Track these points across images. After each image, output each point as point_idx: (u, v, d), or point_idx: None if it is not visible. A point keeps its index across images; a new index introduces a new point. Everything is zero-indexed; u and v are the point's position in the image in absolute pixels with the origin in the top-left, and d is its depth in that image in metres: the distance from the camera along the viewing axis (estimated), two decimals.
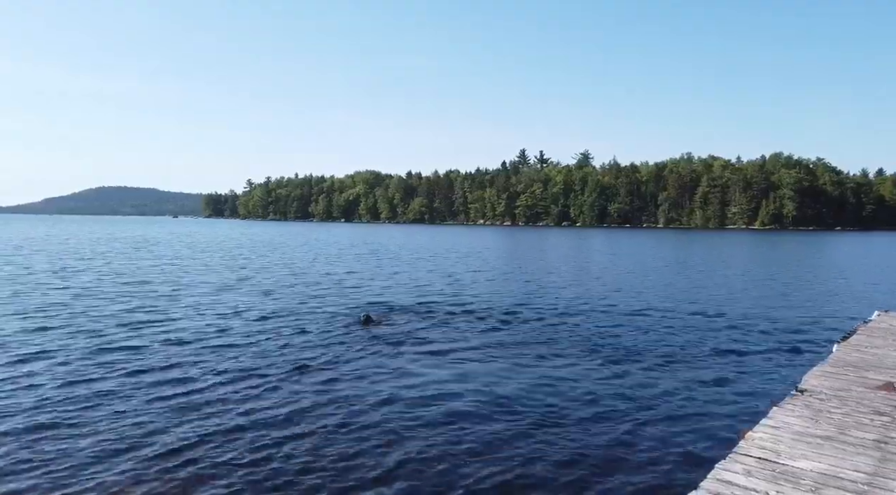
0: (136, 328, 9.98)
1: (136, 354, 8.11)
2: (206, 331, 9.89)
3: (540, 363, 8.14)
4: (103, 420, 5.51)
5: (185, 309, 12.25)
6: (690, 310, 13.41)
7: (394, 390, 6.64)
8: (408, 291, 16.01)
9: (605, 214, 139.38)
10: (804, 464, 3.09)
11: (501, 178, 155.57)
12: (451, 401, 6.27)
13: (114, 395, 6.23)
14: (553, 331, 10.49)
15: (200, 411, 5.81)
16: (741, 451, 3.19)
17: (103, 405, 5.91)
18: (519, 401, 6.33)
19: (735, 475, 2.93)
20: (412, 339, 9.53)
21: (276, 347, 8.74)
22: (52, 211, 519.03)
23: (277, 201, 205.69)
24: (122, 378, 6.90)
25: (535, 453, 4.90)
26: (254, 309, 12.42)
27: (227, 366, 7.53)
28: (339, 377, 7.19)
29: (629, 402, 6.31)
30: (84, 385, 6.57)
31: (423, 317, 11.75)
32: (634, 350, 9.05)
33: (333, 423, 5.53)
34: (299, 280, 18.47)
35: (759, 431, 3.47)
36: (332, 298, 14.31)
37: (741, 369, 7.87)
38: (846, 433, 3.52)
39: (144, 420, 5.52)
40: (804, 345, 9.59)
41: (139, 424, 5.40)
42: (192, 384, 6.75)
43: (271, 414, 5.77)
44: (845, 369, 4.81)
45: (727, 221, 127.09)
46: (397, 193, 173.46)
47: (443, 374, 7.41)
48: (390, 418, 5.68)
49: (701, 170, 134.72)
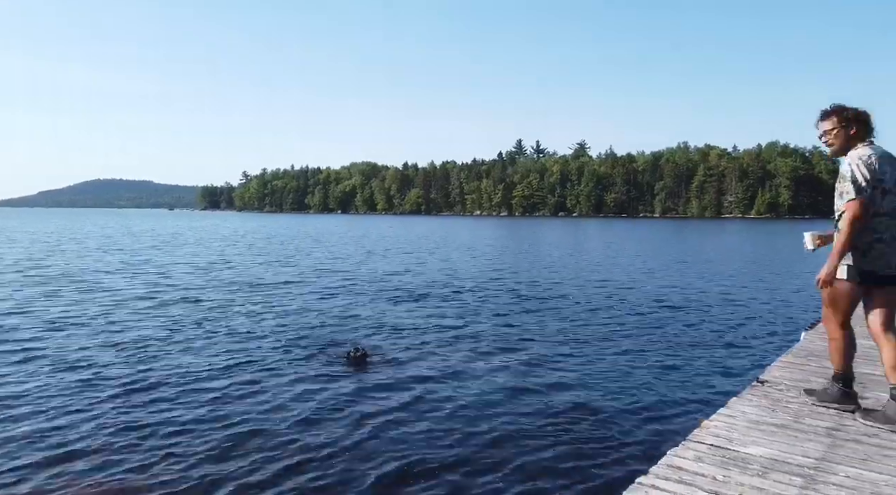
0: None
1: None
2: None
3: (497, 352, 8.12)
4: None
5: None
6: (665, 297, 13.45)
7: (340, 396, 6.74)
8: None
9: (601, 204, 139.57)
10: (754, 450, 3.20)
11: (498, 169, 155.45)
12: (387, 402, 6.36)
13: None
14: (519, 319, 10.62)
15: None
16: (694, 439, 3.30)
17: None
18: (460, 391, 6.32)
19: (685, 461, 3.04)
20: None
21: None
22: (48, 204, 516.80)
23: (273, 193, 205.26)
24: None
25: (484, 445, 4.91)
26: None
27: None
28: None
29: (591, 393, 6.31)
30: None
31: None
32: (602, 338, 9.08)
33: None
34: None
35: (716, 420, 3.59)
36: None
37: (710, 359, 7.90)
38: (800, 421, 3.63)
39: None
40: (778, 335, 9.64)
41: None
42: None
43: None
44: (808, 359, 4.92)
45: (723, 210, 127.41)
46: (394, 185, 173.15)
47: (390, 372, 7.49)
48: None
49: (697, 160, 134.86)
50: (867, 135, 3.65)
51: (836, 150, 3.69)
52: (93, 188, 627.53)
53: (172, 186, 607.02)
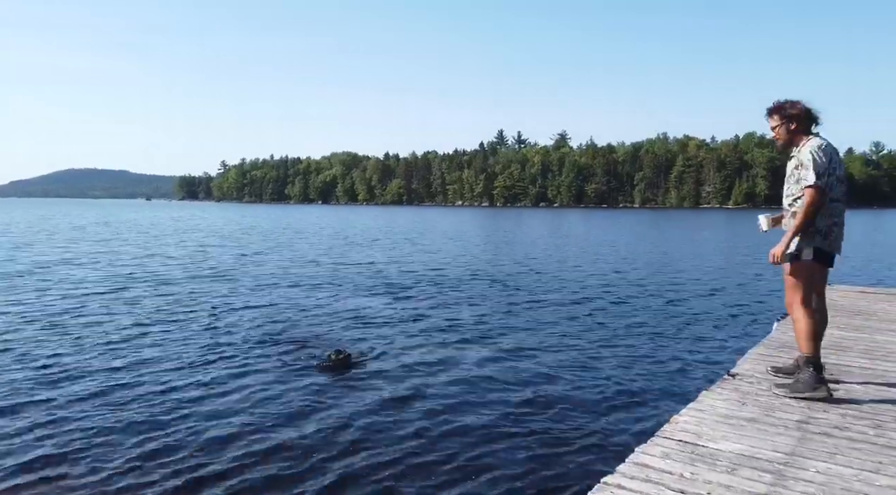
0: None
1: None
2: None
3: (474, 348, 7.92)
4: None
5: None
6: (636, 289, 13.37)
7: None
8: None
9: (582, 195, 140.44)
10: (723, 446, 3.13)
11: (479, 159, 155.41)
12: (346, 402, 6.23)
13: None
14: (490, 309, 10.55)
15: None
16: (663, 435, 3.22)
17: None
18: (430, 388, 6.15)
19: (652, 458, 2.95)
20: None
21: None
22: (19, 194, 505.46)
23: (253, 183, 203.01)
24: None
25: (447, 443, 4.77)
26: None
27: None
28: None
29: (559, 388, 6.16)
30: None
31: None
32: (574, 332, 8.90)
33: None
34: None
35: (685, 415, 3.51)
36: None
37: (681, 351, 7.79)
38: (770, 414, 3.57)
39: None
40: (750, 325, 9.58)
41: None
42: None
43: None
44: (779, 350, 4.88)
45: (702, 200, 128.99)
46: (375, 175, 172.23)
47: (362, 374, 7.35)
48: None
49: (676, 151, 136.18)
50: (809, 128, 3.87)
51: (783, 145, 3.94)
52: (67, 178, 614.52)
53: (150, 176, 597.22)
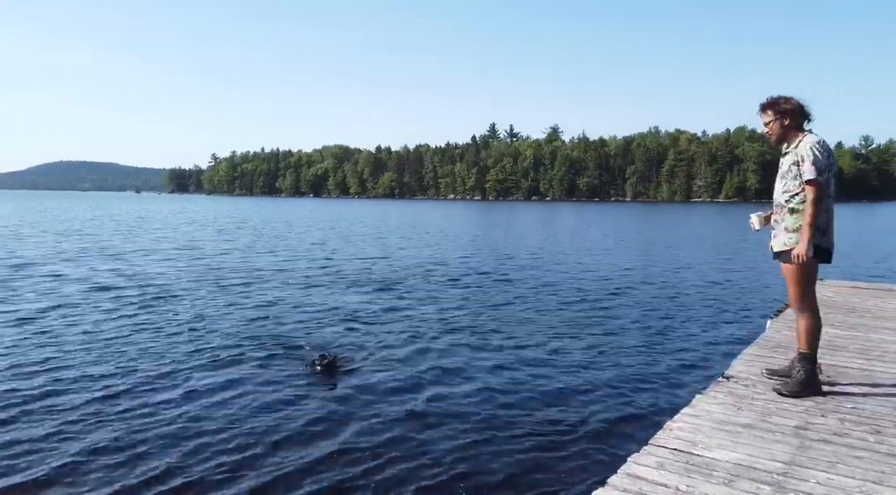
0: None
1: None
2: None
3: (465, 351, 7.62)
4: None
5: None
6: (627, 286, 13.18)
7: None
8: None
9: (574, 188, 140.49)
10: (719, 455, 2.99)
11: (471, 153, 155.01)
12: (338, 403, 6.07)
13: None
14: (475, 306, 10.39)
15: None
16: (656, 443, 3.07)
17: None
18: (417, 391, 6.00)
19: (646, 469, 2.81)
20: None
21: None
22: (9, 186, 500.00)
23: (244, 176, 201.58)
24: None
25: (431, 447, 4.63)
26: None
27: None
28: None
29: (550, 392, 5.97)
30: None
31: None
32: (562, 333, 8.60)
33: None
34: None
35: (679, 421, 3.37)
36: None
37: (675, 353, 7.58)
38: (767, 420, 3.44)
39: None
40: (743, 324, 9.43)
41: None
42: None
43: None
44: (773, 351, 4.75)
45: (693, 194, 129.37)
46: (367, 168, 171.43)
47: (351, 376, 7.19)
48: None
49: (668, 145, 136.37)
50: (802, 124, 3.87)
51: (776, 140, 3.93)
52: (55, 170, 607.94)
53: (139, 169, 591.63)
